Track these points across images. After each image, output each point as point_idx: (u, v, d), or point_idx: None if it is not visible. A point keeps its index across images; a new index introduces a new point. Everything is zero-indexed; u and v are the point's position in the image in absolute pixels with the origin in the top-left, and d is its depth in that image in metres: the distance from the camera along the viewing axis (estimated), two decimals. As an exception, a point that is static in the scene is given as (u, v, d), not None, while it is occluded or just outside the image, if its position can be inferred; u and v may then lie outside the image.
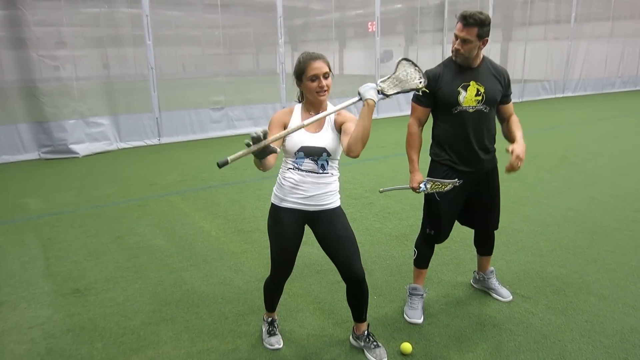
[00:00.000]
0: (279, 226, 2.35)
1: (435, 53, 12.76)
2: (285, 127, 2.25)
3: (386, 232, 4.30)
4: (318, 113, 2.27)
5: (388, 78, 2.25)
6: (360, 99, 2.09)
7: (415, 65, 2.31)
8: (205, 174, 6.50)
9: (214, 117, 9.43)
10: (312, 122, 2.09)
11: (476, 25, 2.49)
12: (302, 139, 2.25)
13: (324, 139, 2.27)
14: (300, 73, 2.21)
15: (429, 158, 2.88)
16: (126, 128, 8.52)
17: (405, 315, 2.89)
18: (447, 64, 2.74)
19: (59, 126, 7.78)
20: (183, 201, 5.32)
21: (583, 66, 15.85)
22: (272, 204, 2.39)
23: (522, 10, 14.49)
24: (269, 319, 2.70)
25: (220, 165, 1.90)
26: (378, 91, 2.13)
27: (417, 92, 2.61)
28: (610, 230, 4.22)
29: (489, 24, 2.52)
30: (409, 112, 2.81)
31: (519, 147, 2.63)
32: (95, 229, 4.50)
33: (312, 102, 2.28)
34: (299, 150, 2.25)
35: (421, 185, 2.70)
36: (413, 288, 2.96)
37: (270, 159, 2.10)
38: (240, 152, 1.92)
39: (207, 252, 3.92)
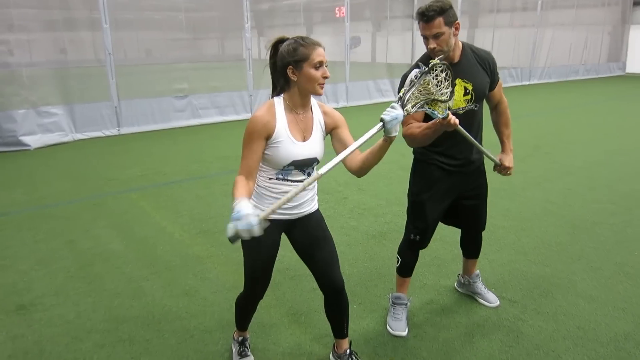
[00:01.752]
0: (256, 239, 2.05)
1: (405, 39, 12.55)
2: (268, 139, 1.89)
3: (362, 230, 4.07)
4: (305, 111, 1.98)
5: (415, 86, 1.89)
6: (383, 126, 1.79)
7: (449, 69, 1.98)
8: (167, 168, 6.10)
9: (177, 105, 8.94)
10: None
11: (438, 15, 2.21)
12: (292, 151, 1.92)
13: (315, 147, 1.99)
14: (301, 59, 1.85)
15: (412, 156, 2.65)
16: (82, 118, 7.95)
17: (388, 327, 2.66)
18: (424, 63, 2.46)
19: (8, 116, 7.17)
20: (144, 198, 4.94)
21: (548, 54, 16.02)
22: None
23: (490, -3, 14.47)
24: (240, 338, 2.41)
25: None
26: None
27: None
28: (590, 225, 4.12)
29: (450, 7, 2.24)
30: (379, 100, 2.52)
31: (507, 159, 2.64)
32: (45, 232, 4.09)
33: (301, 97, 1.93)
34: (289, 165, 1.95)
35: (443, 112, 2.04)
36: (396, 297, 2.73)
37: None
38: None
39: (169, 257, 3.59)
